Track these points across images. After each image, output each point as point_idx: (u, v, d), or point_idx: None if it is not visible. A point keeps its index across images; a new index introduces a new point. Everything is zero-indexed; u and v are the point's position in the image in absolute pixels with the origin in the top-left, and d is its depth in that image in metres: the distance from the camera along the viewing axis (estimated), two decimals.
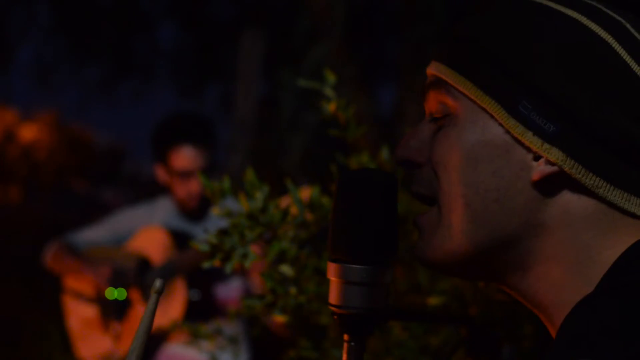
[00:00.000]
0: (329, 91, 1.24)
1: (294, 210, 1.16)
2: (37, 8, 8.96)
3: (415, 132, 0.81)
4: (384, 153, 1.29)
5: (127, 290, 2.63)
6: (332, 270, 0.79)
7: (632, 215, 0.73)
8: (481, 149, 0.74)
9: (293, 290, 1.17)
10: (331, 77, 1.24)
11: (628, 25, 0.74)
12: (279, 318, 1.17)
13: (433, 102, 0.79)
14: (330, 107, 1.24)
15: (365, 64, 5.82)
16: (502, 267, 0.76)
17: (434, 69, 0.79)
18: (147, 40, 9.46)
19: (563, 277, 0.73)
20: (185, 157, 2.66)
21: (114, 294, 2.61)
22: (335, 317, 0.81)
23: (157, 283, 0.80)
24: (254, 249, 1.14)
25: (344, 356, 0.81)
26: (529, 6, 0.76)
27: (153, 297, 0.79)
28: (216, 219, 2.66)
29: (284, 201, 1.19)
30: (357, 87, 5.24)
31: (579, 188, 0.72)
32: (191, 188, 2.67)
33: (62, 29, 9.13)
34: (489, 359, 1.05)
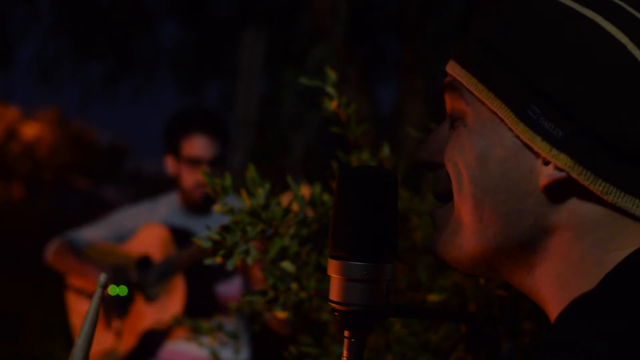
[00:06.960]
0: (330, 89, 1.25)
1: (295, 207, 1.16)
2: (39, 6, 8.96)
3: (434, 134, 0.82)
4: (385, 150, 1.30)
5: (128, 287, 2.64)
6: (332, 267, 0.80)
7: None
8: (491, 151, 0.74)
9: (294, 286, 1.17)
10: (332, 75, 1.24)
11: None
12: (280, 314, 1.17)
13: (449, 102, 0.80)
14: (332, 105, 1.25)
15: (365, 63, 5.81)
16: (509, 263, 0.77)
17: (450, 69, 0.80)
18: (148, 38, 9.46)
19: (566, 274, 0.73)
20: (196, 144, 2.69)
21: (115, 290, 2.62)
22: (336, 313, 0.82)
23: (102, 278, 0.81)
24: (255, 246, 1.15)
25: (345, 352, 0.82)
26: (545, 6, 0.74)
27: (97, 291, 0.80)
28: (218, 216, 2.67)
29: (285, 198, 1.20)
30: (358, 86, 5.25)
31: (588, 193, 0.71)
32: (199, 177, 2.70)
33: (63, 27, 9.13)
34: (489, 355, 1.06)
